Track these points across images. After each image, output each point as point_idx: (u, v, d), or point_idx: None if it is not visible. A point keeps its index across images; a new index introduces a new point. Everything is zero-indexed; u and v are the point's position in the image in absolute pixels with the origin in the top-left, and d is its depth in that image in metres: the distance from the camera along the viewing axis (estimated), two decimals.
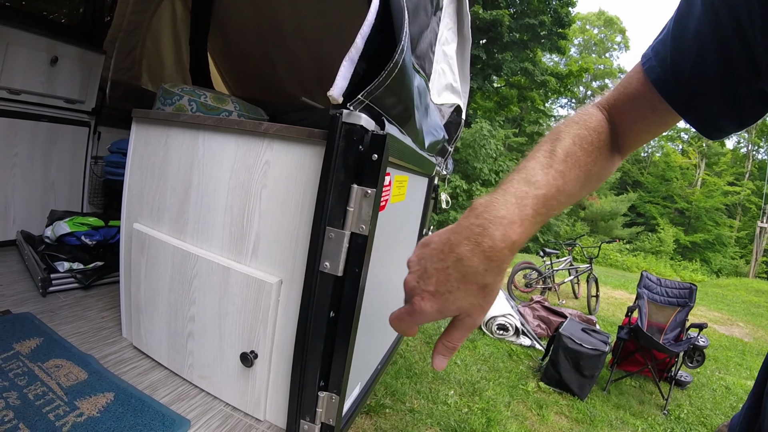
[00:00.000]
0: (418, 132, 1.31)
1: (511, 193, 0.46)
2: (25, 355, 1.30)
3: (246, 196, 1.13)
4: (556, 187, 0.49)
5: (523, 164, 0.51)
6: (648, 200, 22.92)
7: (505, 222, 0.44)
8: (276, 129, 1.07)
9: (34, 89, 2.09)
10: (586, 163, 0.53)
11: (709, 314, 7.07)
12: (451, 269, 0.44)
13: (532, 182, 0.48)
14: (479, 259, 0.43)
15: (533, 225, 0.46)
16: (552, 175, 0.49)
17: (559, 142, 0.52)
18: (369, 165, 0.93)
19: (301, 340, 1.03)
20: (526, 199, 0.46)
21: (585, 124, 0.55)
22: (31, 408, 1.10)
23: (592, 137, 0.54)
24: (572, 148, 0.52)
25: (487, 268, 0.43)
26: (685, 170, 23.09)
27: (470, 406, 2.79)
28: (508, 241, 0.43)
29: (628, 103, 0.57)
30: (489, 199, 0.46)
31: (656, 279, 3.92)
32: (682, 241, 20.82)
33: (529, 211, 0.45)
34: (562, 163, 0.50)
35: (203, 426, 1.18)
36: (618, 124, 0.58)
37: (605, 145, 0.56)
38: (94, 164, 2.43)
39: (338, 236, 0.94)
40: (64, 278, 1.82)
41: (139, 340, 1.46)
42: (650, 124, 0.57)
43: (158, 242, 1.31)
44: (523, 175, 0.49)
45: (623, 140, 0.59)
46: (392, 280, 1.53)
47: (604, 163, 0.57)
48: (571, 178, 0.51)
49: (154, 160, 1.35)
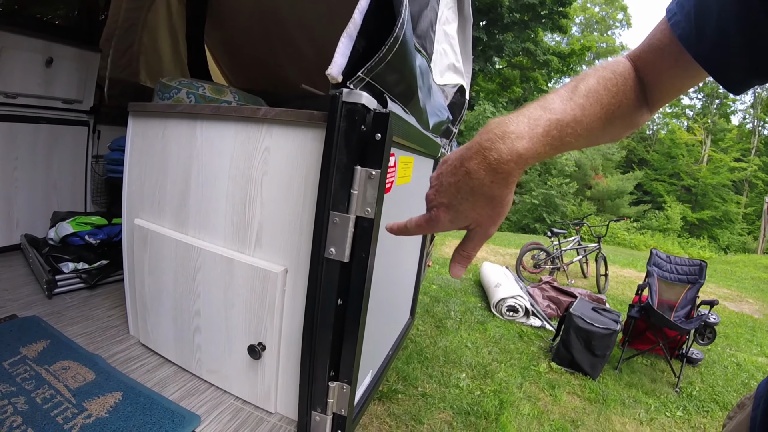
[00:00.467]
0: (422, 111, 1.27)
1: (524, 114, 0.48)
2: (32, 359, 1.30)
3: (247, 185, 1.10)
4: (573, 116, 0.49)
5: (543, 97, 0.51)
6: (654, 178, 22.68)
7: (513, 136, 0.45)
8: (275, 113, 1.04)
9: (32, 92, 2.07)
10: (609, 104, 0.52)
11: (719, 291, 7.01)
12: (462, 183, 0.48)
13: (548, 108, 0.48)
14: (485, 172, 0.46)
15: (543, 144, 0.47)
16: (570, 106, 0.49)
17: (583, 80, 0.53)
18: (372, 145, 0.89)
19: (308, 329, 1.01)
20: (539, 120, 0.47)
21: (612, 68, 0.55)
22: (40, 412, 1.09)
23: (618, 80, 0.53)
24: (596, 87, 0.52)
25: (493, 180, 0.46)
26: (691, 147, 22.78)
27: (482, 388, 2.78)
28: (514, 154, 0.45)
29: (653, 55, 0.55)
30: (502, 118, 0.48)
31: (666, 256, 3.88)
32: (690, 218, 20.64)
33: (540, 130, 0.46)
34: (584, 97, 0.50)
35: (214, 421, 1.17)
36: (645, 77, 0.56)
37: (632, 92, 0.55)
38: (96, 163, 2.41)
39: (343, 221, 0.91)
40: (70, 279, 1.81)
41: (146, 337, 1.45)
42: (675, 76, 0.55)
43: (160, 237, 1.28)
44: (541, 103, 0.49)
45: (651, 93, 0.57)
46: (401, 265, 1.50)
47: (629, 110, 0.56)
48: (591, 112, 0.50)
49: (152, 154, 1.33)
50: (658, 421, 2.69)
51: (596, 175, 21.00)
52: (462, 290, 4.84)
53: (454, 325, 3.74)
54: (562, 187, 18.17)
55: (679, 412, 2.81)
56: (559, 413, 2.63)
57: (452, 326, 3.72)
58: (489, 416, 2.45)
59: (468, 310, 4.17)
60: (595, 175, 21.00)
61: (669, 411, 2.82)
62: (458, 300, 4.43)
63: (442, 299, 4.39)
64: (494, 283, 4.52)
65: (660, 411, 2.81)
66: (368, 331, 1.08)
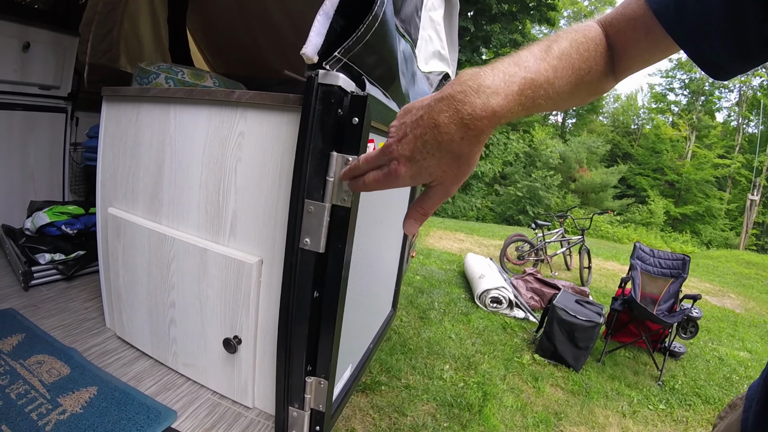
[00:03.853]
0: (404, 97, 1.24)
1: (499, 69, 0.45)
2: (6, 353, 1.27)
3: (221, 172, 1.06)
4: (546, 77, 0.47)
5: (516, 53, 0.49)
6: (638, 172, 22.77)
7: (488, 91, 0.43)
8: (249, 96, 1.00)
9: (6, 77, 2.00)
10: (580, 68, 0.51)
11: (701, 285, 7.11)
12: (428, 135, 0.44)
13: (523, 66, 0.46)
14: (456, 127, 0.43)
15: (517, 103, 0.45)
16: (544, 66, 0.47)
17: (556, 42, 0.51)
18: (349, 130, 0.86)
19: (284, 323, 0.97)
20: (514, 77, 0.45)
21: (584, 32, 0.54)
22: (14, 408, 1.07)
23: (589, 45, 0.53)
24: (568, 50, 0.51)
25: (463, 136, 0.43)
26: (675, 143, 22.88)
27: (466, 380, 2.78)
28: (488, 110, 0.43)
29: (625, 24, 0.54)
30: (476, 70, 0.45)
31: (649, 250, 3.91)
32: (673, 212, 20.84)
33: (515, 88, 0.44)
34: (557, 59, 0.49)
35: (190, 416, 1.14)
36: (615, 45, 0.55)
37: (601, 58, 0.54)
38: (74, 151, 2.34)
39: (318, 209, 0.87)
40: (46, 270, 1.77)
41: (122, 329, 1.41)
42: (646, 48, 0.54)
43: (134, 226, 1.24)
44: (515, 59, 0.47)
45: (618, 62, 0.56)
46: (381, 256, 1.48)
47: (597, 76, 0.54)
48: (564, 75, 0.49)
49: (125, 140, 1.28)
50: (640, 413, 2.71)
51: (581, 168, 21.15)
52: (446, 281, 4.84)
53: (438, 317, 3.74)
54: (546, 179, 18.29)
55: (661, 405, 2.84)
56: (542, 405, 2.64)
57: (436, 317, 3.72)
58: (472, 408, 2.45)
59: (452, 301, 4.17)
60: (580, 168, 21.15)
61: (651, 404, 2.84)
62: (442, 291, 4.44)
63: (425, 290, 4.39)
64: (478, 274, 4.53)
65: (643, 404, 2.83)
66: (347, 324, 1.05)
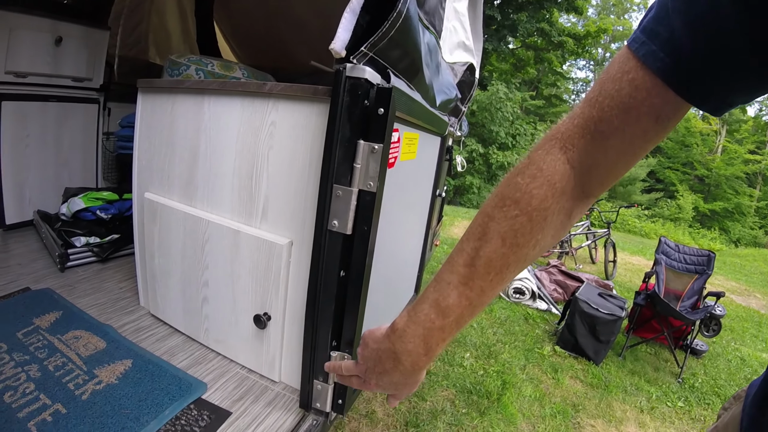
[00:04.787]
0: (428, 88, 1.28)
1: (420, 323, 0.54)
2: (44, 329, 1.33)
3: (253, 159, 1.12)
4: (469, 307, 0.52)
5: (441, 274, 0.54)
6: (667, 166, 22.19)
7: (413, 355, 0.55)
8: (280, 88, 1.05)
9: (41, 71, 2.08)
10: (523, 255, 0.50)
11: (727, 284, 6.95)
12: (383, 375, 0.60)
13: (443, 308, 0.52)
14: (399, 373, 0.57)
15: (442, 347, 0.55)
16: (466, 296, 0.51)
17: (483, 245, 0.50)
18: (375, 120, 0.90)
19: (312, 300, 1.03)
20: (433, 331, 0.53)
21: (527, 203, 0.48)
22: (52, 379, 1.12)
23: (535, 222, 0.48)
24: (498, 252, 0.49)
25: (404, 377, 0.58)
26: (706, 136, 22.22)
27: (486, 368, 2.82)
28: (417, 367, 0.56)
29: (618, 119, 0.43)
30: (403, 326, 0.55)
31: (674, 245, 3.85)
32: (701, 208, 20.30)
33: (433, 343, 0.54)
34: (483, 277, 0.50)
35: (219, 389, 1.21)
36: (595, 159, 0.47)
37: (557, 213, 0.49)
38: (106, 140, 2.44)
39: (346, 194, 0.93)
40: (82, 252, 1.85)
41: (155, 307, 1.49)
42: (647, 140, 0.45)
43: (169, 210, 1.31)
44: (436, 296, 0.53)
45: (597, 179, 0.49)
46: (405, 241, 1.52)
47: (554, 231, 0.50)
48: (493, 287, 0.51)
49: (161, 129, 1.35)
50: (658, 410, 2.70)
51: None
52: None
53: None
54: None
55: (680, 403, 2.82)
56: (560, 396, 2.66)
57: None
58: (491, 396, 2.49)
59: None
60: None
61: (670, 401, 2.83)
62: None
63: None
64: None
65: (661, 400, 2.82)
66: (371, 304, 1.10)
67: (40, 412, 1.01)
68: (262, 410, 1.15)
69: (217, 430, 1.06)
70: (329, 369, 0.79)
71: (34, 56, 2.03)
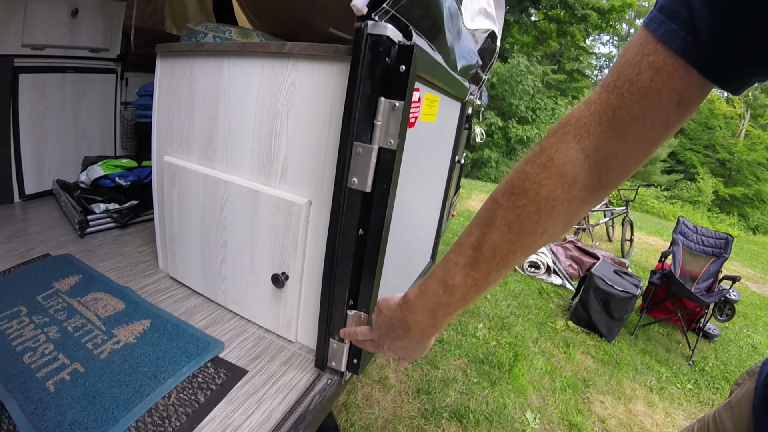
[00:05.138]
0: (449, 51, 1.26)
1: (428, 298, 0.58)
2: (64, 292, 1.35)
3: (273, 119, 1.12)
4: (475, 287, 0.54)
5: (450, 254, 0.56)
6: (689, 147, 21.45)
7: (421, 325, 0.60)
8: (300, 48, 1.05)
9: (58, 42, 2.08)
10: (530, 242, 0.50)
11: (743, 270, 6.86)
12: (394, 339, 0.66)
13: (449, 286, 0.55)
14: (409, 340, 0.63)
15: (449, 319, 0.60)
16: (472, 277, 0.53)
17: (490, 230, 0.51)
18: (396, 77, 0.90)
19: (330, 259, 1.05)
20: (439, 306, 0.57)
21: (535, 193, 0.47)
22: (71, 339, 1.14)
23: (542, 212, 0.47)
24: (505, 239, 0.50)
25: (414, 344, 0.64)
26: (729, 119, 21.48)
27: (498, 339, 2.84)
28: (425, 336, 0.62)
29: (639, 105, 0.41)
30: (414, 298, 0.60)
31: (693, 226, 3.80)
32: (721, 193, 19.76)
33: (440, 316, 0.58)
34: (488, 261, 0.52)
35: (237, 347, 1.23)
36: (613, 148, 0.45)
37: (568, 203, 0.48)
38: (124, 109, 2.46)
39: (366, 151, 0.93)
40: (101, 219, 1.87)
41: (174, 270, 1.52)
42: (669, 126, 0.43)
43: (189, 172, 1.33)
44: (443, 274, 0.56)
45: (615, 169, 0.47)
46: (421, 206, 1.52)
47: (564, 221, 0.50)
48: (498, 271, 0.52)
49: (180, 93, 1.35)
50: (668, 390, 2.71)
51: None
52: None
53: None
54: None
55: (689, 385, 2.83)
56: (571, 371, 2.68)
57: None
58: (502, 367, 2.52)
59: None
60: None
61: (680, 382, 2.84)
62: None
63: None
64: None
65: (671, 381, 2.83)
66: (387, 266, 1.11)
67: (59, 372, 1.02)
68: (278, 369, 1.17)
69: (233, 387, 1.08)
70: (345, 335, 0.84)
71: (50, 28, 2.02)
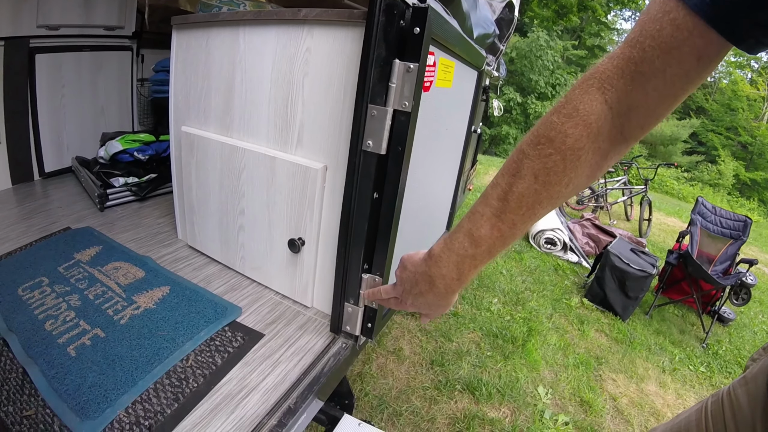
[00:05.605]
0: (465, 17, 1.25)
1: (454, 251, 0.59)
2: (85, 262, 1.39)
3: (289, 86, 1.13)
4: (501, 238, 0.55)
5: (476, 206, 0.56)
6: (711, 129, 20.81)
7: (446, 279, 0.61)
8: (315, 14, 1.05)
9: (73, 22, 2.09)
10: (555, 192, 0.51)
11: (761, 255, 6.74)
12: (418, 296, 0.68)
13: (475, 238, 0.56)
14: (433, 296, 0.65)
15: (474, 273, 0.61)
16: (498, 228, 0.54)
17: (517, 180, 0.51)
18: (411, 39, 0.90)
19: (345, 222, 1.06)
20: (465, 259, 0.58)
21: (561, 142, 0.48)
22: (91, 306, 1.18)
23: (568, 161, 0.49)
24: (531, 188, 0.51)
25: (438, 299, 0.65)
26: (753, 102, 20.79)
27: (513, 314, 2.87)
28: (449, 290, 0.63)
29: (659, 60, 0.42)
30: (439, 252, 0.61)
31: (711, 207, 3.75)
32: (742, 176, 19.22)
33: (466, 269, 0.59)
34: (514, 211, 0.52)
35: (254, 312, 1.27)
36: (635, 100, 0.46)
37: (592, 154, 0.49)
38: (141, 86, 2.48)
39: (381, 113, 0.94)
40: (120, 192, 1.91)
41: (193, 239, 1.56)
42: (688, 81, 0.44)
43: (206, 141, 1.35)
44: (470, 226, 0.57)
45: (636, 122, 0.48)
46: (437, 175, 1.53)
47: (588, 172, 0.51)
48: (524, 221, 0.53)
49: (196, 64, 1.37)
50: (680, 372, 2.72)
51: None
52: None
53: None
54: None
55: (702, 368, 2.83)
56: (584, 348, 2.70)
57: None
58: (516, 341, 2.54)
59: None
60: None
61: (692, 365, 2.84)
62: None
63: None
64: None
65: (684, 363, 2.83)
66: (402, 233, 1.13)
67: (80, 337, 1.06)
68: (294, 333, 1.21)
69: (250, 350, 1.11)
70: (368, 295, 0.85)
71: (64, 8, 2.02)
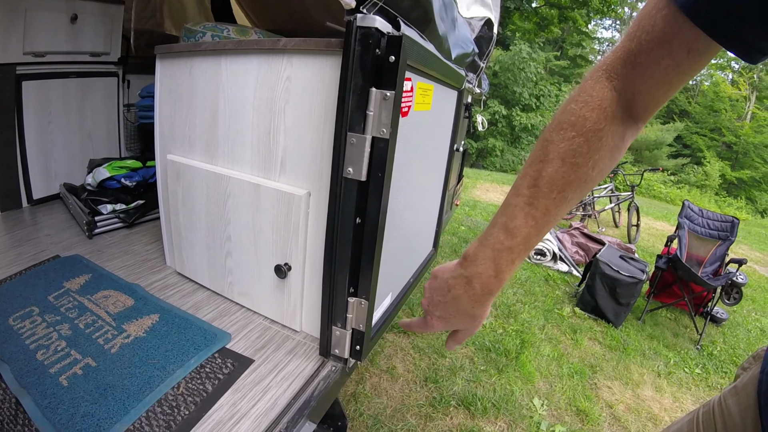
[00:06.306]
0: (442, 40, 1.28)
1: (489, 246, 0.57)
2: (74, 291, 1.38)
3: (271, 114, 1.15)
4: (536, 227, 0.54)
5: (507, 199, 0.57)
6: (695, 131, 21.14)
7: (483, 277, 0.57)
8: (294, 43, 1.07)
9: (59, 48, 2.10)
10: (583, 174, 0.53)
11: (751, 254, 6.82)
12: (450, 304, 0.61)
13: (510, 229, 0.55)
14: (468, 300, 0.59)
15: (511, 270, 0.57)
16: (532, 215, 0.54)
17: (545, 166, 0.53)
18: (387, 67, 0.92)
19: (329, 248, 1.07)
20: (502, 252, 0.56)
21: (582, 125, 0.51)
22: (82, 336, 1.17)
23: (591, 142, 0.51)
24: (560, 172, 0.52)
25: (473, 305, 0.60)
26: (735, 102, 21.13)
27: (505, 327, 2.87)
28: (486, 291, 0.58)
29: (653, 52, 0.47)
30: (474, 251, 0.58)
31: (698, 210, 3.80)
32: (728, 176, 19.48)
33: (503, 265, 0.56)
34: (546, 196, 0.53)
35: (243, 338, 1.27)
36: (636, 87, 0.50)
37: (611, 135, 0.52)
38: (127, 111, 2.49)
39: (360, 141, 0.95)
40: (109, 219, 1.90)
41: (182, 266, 1.56)
42: (681, 72, 0.47)
43: (192, 169, 1.36)
44: (504, 219, 0.56)
45: (641, 105, 0.52)
46: (421, 193, 1.54)
47: (610, 154, 0.53)
48: (557, 206, 0.54)
49: (180, 92, 1.38)
50: (676, 375, 2.72)
51: None
52: None
53: None
54: None
55: (697, 370, 2.84)
56: (578, 357, 2.70)
57: None
58: (509, 354, 2.54)
59: None
60: None
61: (688, 367, 2.85)
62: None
63: (470, 240, 4.48)
64: None
65: (679, 366, 2.84)
66: (388, 254, 1.14)
67: (71, 367, 1.05)
68: (284, 358, 1.21)
69: (240, 376, 1.11)
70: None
71: (51, 35, 2.04)
